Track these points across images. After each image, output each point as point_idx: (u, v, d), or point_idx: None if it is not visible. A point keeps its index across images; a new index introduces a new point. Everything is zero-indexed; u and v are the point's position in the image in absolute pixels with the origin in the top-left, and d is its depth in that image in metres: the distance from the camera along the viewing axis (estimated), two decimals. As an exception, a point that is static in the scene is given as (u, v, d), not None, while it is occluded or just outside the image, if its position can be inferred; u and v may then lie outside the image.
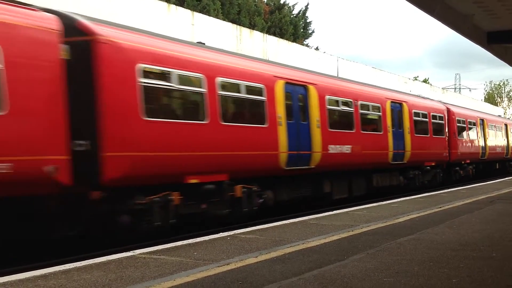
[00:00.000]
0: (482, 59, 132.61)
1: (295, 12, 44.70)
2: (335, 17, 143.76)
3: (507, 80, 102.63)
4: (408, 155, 19.42)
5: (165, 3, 18.98)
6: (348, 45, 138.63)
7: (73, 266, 6.59)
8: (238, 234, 9.17)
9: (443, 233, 9.09)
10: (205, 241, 8.48)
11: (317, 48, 42.65)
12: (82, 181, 8.45)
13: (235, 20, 33.00)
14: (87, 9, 15.05)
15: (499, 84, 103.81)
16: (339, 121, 15.84)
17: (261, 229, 9.77)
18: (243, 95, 12.09)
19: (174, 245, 8.11)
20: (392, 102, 18.81)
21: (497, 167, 32.66)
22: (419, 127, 20.76)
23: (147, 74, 9.69)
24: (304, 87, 14.06)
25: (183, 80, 10.46)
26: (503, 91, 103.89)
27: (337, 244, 8.05)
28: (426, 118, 21.69)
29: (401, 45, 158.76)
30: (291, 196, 13.83)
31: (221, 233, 9.24)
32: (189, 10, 20.72)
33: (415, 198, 16.11)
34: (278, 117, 12.79)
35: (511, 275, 6.07)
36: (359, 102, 16.52)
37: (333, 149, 14.75)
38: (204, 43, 13.50)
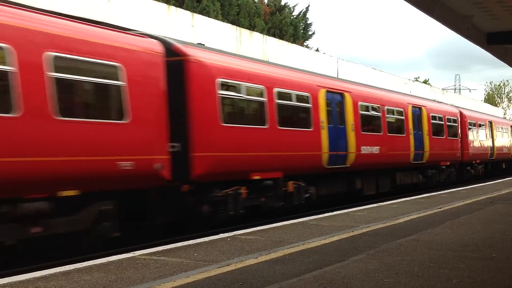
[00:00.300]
0: (482, 60, 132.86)
1: (295, 13, 44.76)
2: (335, 18, 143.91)
3: (507, 80, 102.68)
4: (426, 155, 21.10)
5: (165, 5, 19.00)
6: (348, 46, 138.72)
7: (73, 268, 6.59)
8: (238, 235, 9.17)
9: (443, 234, 9.09)
10: (205, 242, 8.49)
11: (317, 49, 42.71)
12: (176, 176, 10.14)
13: (235, 21, 33.03)
14: (87, 10, 15.07)
15: (499, 85, 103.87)
16: (369, 124, 17.59)
17: (262, 230, 9.77)
18: (294, 103, 13.92)
19: (174, 246, 8.11)
20: (412, 106, 20.59)
21: (504, 167, 34.09)
22: (436, 129, 22.47)
23: (223, 86, 11.52)
24: (341, 94, 15.89)
25: (249, 91, 12.35)
26: (503, 92, 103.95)
27: (337, 245, 8.05)
28: (442, 121, 23.34)
29: (401, 46, 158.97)
30: (329, 191, 15.57)
31: (221, 234, 9.25)
32: (189, 12, 20.74)
33: (415, 198, 16.11)
34: (321, 121, 14.55)
35: (511, 276, 6.07)
36: (386, 107, 18.29)
37: (364, 150, 16.58)
38: (203, 44, 13.53)
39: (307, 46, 41.88)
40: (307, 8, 47.21)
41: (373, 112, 17.65)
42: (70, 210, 8.55)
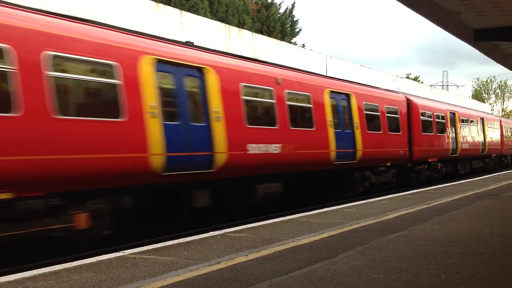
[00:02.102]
0: (468, 57, 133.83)
1: (281, 10, 44.79)
2: (322, 16, 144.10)
3: (494, 77, 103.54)
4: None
5: (153, 2, 18.89)
6: (335, 44, 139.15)
7: (62, 267, 6.55)
8: (228, 233, 9.17)
9: (432, 230, 9.16)
10: (195, 240, 8.48)
11: (303, 46, 42.72)
12: None
13: (224, 18, 32.95)
14: (75, 7, 14.95)
15: (486, 81, 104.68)
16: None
17: (252, 227, 9.78)
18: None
19: (164, 245, 8.09)
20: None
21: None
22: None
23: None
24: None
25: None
26: (490, 88, 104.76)
27: (327, 242, 8.08)
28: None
29: (387, 44, 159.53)
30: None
31: (211, 232, 9.24)
32: (177, 9, 20.64)
33: (403, 195, 16.20)
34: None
35: (499, 270, 6.13)
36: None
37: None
38: (192, 43, 13.49)
39: (294, 43, 41.90)
40: (292, 5, 47.27)
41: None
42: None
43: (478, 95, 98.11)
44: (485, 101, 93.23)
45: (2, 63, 7.90)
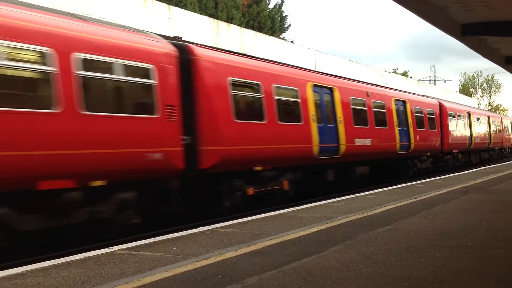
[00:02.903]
0: (454, 51, 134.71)
1: (271, 6, 44.78)
2: (310, 11, 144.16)
3: (480, 71, 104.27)
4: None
5: (141, -3, 18.79)
6: (323, 39, 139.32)
7: (50, 264, 6.52)
8: (217, 228, 9.18)
9: (420, 223, 9.23)
10: (184, 236, 8.47)
11: (292, 42, 42.74)
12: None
13: (213, 14, 32.85)
14: (66, 3, 14.82)
15: (473, 76, 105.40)
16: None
17: (241, 222, 9.79)
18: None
19: (153, 241, 8.08)
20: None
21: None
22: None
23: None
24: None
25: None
26: (477, 83, 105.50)
27: (316, 236, 8.12)
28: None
29: (375, 39, 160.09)
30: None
31: (200, 228, 9.24)
32: (165, 4, 20.54)
33: (392, 189, 16.30)
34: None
35: (486, 263, 6.20)
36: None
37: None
38: (181, 38, 13.44)
39: (283, 39, 41.89)
40: (282, 1, 47.21)
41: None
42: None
43: (465, 90, 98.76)
44: (472, 95, 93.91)
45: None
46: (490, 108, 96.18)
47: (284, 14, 46.66)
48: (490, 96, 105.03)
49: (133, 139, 9.61)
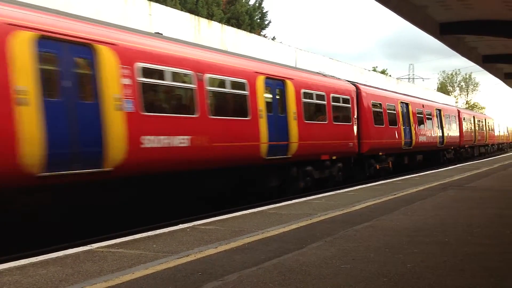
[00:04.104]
0: (432, 50, 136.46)
1: (251, 2, 44.76)
2: (291, 9, 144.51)
3: (459, 70, 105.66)
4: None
5: (121, -7, 18.61)
6: (305, 38, 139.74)
7: (28, 262, 6.44)
8: (198, 225, 9.16)
9: (398, 220, 9.33)
10: (164, 233, 8.44)
11: (273, 39, 42.79)
12: None
13: (193, 10, 32.70)
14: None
15: (451, 74, 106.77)
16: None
17: (221, 219, 9.79)
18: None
19: (132, 238, 8.03)
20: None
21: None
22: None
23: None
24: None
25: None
26: (455, 81, 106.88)
27: (296, 233, 8.15)
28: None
29: (354, 37, 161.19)
30: None
31: (180, 225, 9.21)
32: (146, 0, 20.39)
33: (371, 186, 16.44)
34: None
35: (463, 259, 6.29)
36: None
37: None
38: (161, 34, 13.35)
39: (264, 36, 41.92)
40: (262, -3, 47.21)
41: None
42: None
43: (443, 88, 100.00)
44: (450, 93, 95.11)
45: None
46: (467, 106, 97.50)
47: (264, 11, 46.68)
48: (467, 94, 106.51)
49: (344, 136, 18.89)
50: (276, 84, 15.19)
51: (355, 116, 19.93)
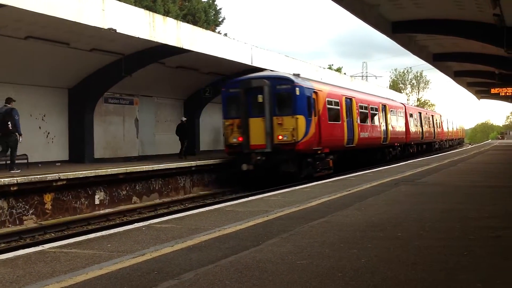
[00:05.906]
0: (383, 49, 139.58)
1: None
2: (245, 6, 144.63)
3: (410, 68, 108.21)
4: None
5: (73, -13, 18.12)
6: (258, 35, 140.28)
7: (-24, 264, 6.23)
8: (153, 224, 9.06)
9: (352, 215, 9.49)
10: (119, 232, 8.31)
11: (225, 35, 42.73)
12: None
13: (149, 7, 32.24)
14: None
15: (403, 72, 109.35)
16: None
17: (177, 218, 9.72)
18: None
19: (86, 238, 7.87)
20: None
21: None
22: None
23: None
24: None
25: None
26: (406, 79, 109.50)
27: (253, 230, 8.18)
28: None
29: (308, 36, 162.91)
30: None
31: (136, 224, 9.10)
32: (98, -5, 19.92)
33: (325, 182, 16.66)
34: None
35: (415, 254, 6.45)
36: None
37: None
38: (115, 30, 13.13)
39: (218, 32, 41.80)
40: (216, -7, 47.09)
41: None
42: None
43: (395, 86, 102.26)
44: (402, 91, 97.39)
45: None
46: (418, 103, 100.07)
47: (218, 7, 46.57)
48: (419, 92, 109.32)
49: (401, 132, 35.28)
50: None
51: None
